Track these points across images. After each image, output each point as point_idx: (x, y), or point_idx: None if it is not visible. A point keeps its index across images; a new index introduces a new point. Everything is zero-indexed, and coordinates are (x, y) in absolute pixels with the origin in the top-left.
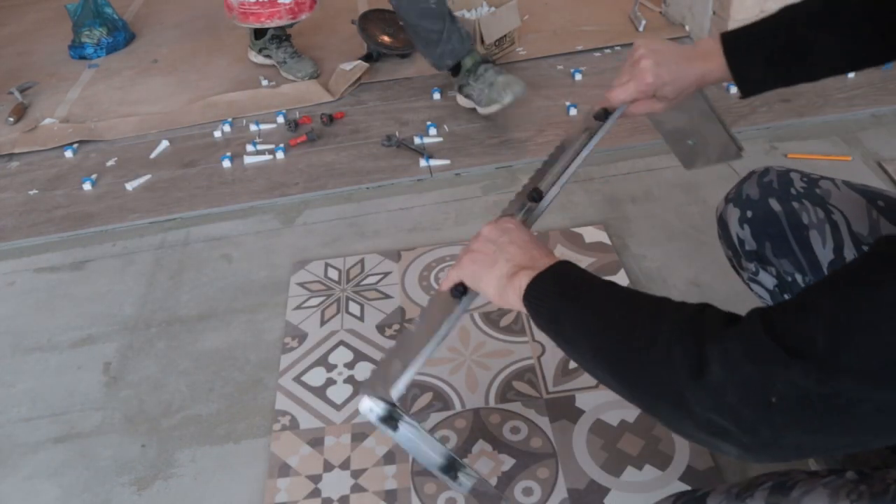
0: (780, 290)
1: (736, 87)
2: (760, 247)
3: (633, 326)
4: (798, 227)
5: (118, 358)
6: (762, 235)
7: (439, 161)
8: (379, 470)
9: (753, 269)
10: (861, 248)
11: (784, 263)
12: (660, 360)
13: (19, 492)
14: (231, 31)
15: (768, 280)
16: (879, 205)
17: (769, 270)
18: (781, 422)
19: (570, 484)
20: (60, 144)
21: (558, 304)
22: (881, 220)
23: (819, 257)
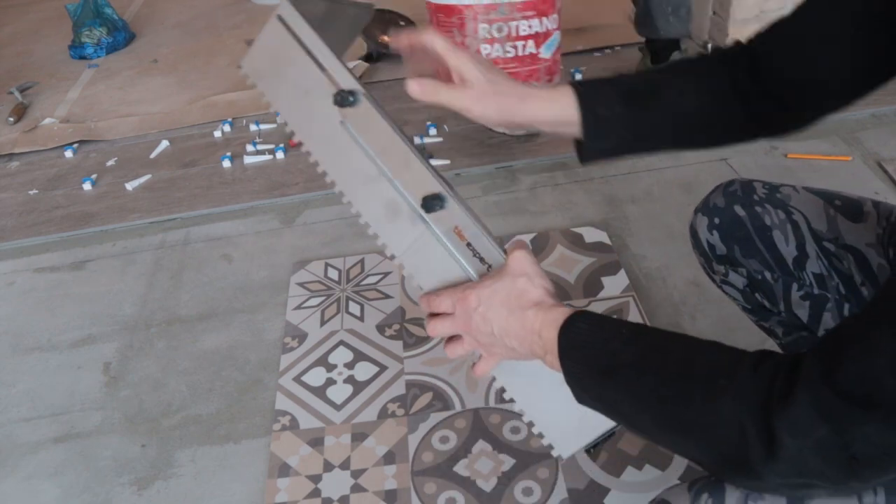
0: (751, 289)
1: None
2: (730, 250)
3: (689, 400)
4: (762, 229)
5: (118, 358)
6: (730, 239)
7: (439, 161)
8: (379, 470)
9: (724, 271)
10: (822, 243)
11: (753, 263)
12: (728, 440)
13: (19, 492)
14: (231, 30)
15: (738, 280)
16: (836, 203)
17: (739, 271)
18: (868, 473)
19: (570, 484)
20: (60, 144)
21: (600, 387)
22: (838, 217)
23: (784, 254)
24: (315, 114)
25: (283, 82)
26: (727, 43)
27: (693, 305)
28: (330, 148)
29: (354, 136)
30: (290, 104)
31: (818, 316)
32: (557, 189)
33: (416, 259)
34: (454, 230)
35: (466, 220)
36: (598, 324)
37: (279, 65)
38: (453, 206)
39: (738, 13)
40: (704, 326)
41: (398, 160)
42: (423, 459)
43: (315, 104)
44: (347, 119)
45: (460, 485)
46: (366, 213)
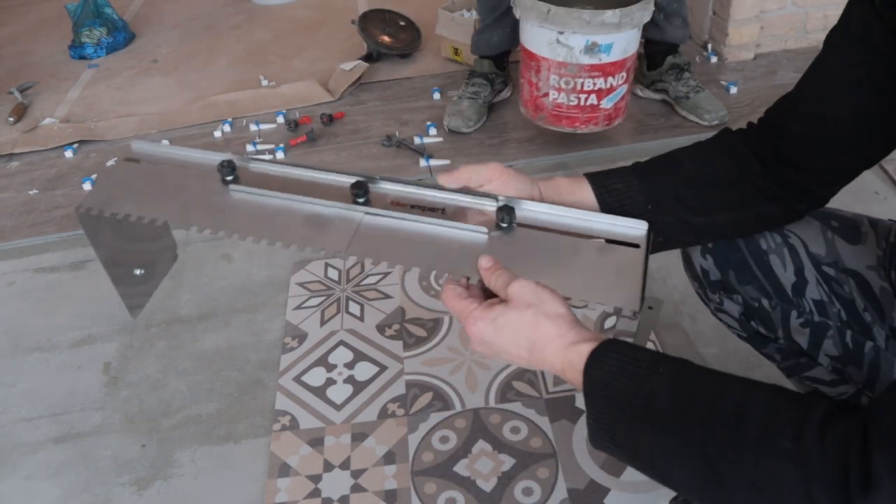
0: (747, 317)
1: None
2: (724, 275)
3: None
4: (758, 253)
5: (118, 358)
6: (725, 264)
7: (439, 161)
8: (379, 470)
9: (718, 299)
10: (821, 268)
11: (749, 290)
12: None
13: (19, 492)
14: (231, 30)
15: (733, 308)
16: (833, 225)
17: (734, 299)
18: None
19: (570, 484)
20: (60, 144)
21: (631, 435)
22: (836, 240)
23: (782, 280)
24: (200, 199)
25: (143, 195)
26: (727, 43)
27: (693, 305)
28: (222, 214)
29: (254, 193)
30: (169, 206)
31: (818, 343)
32: None
33: (364, 244)
34: (391, 204)
35: (400, 188)
36: (631, 357)
37: (136, 188)
38: (382, 185)
39: (738, 13)
40: (704, 326)
41: (303, 184)
42: (423, 459)
43: (195, 191)
44: (237, 184)
45: (460, 485)
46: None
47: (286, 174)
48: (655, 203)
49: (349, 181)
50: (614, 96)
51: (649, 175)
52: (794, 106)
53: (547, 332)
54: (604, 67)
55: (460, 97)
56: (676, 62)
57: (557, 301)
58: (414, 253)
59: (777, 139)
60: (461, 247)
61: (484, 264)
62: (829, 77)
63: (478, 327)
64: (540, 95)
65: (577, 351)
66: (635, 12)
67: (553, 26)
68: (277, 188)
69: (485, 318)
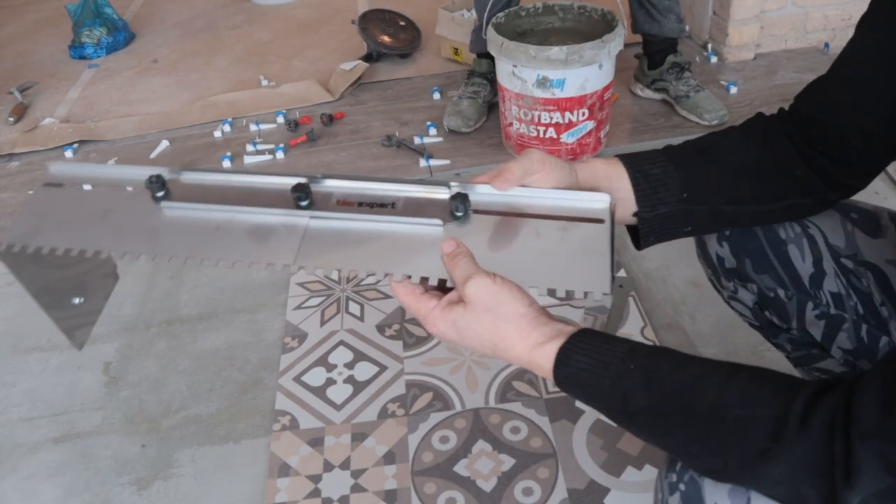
0: (761, 307)
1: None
2: (740, 263)
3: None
4: (776, 242)
5: (118, 358)
6: (741, 252)
7: (439, 161)
8: (379, 470)
9: (732, 287)
10: (840, 260)
11: (765, 279)
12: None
13: (19, 492)
14: (231, 30)
15: (748, 297)
16: (853, 217)
17: (749, 288)
18: None
19: (570, 484)
20: (60, 144)
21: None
22: (856, 232)
23: (799, 271)
24: (131, 222)
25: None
26: (727, 43)
27: (693, 305)
28: (158, 235)
29: (180, 206)
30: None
31: (833, 336)
32: None
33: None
34: (337, 204)
35: (344, 184)
36: (598, 357)
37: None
38: (325, 184)
39: (738, 13)
40: (704, 326)
41: (242, 192)
42: (423, 459)
43: (124, 213)
44: (170, 199)
45: (460, 485)
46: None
47: (223, 183)
48: (690, 191)
49: (290, 184)
50: (576, 132)
51: (685, 161)
52: (825, 93)
53: (508, 336)
54: (558, 102)
55: (460, 97)
56: (677, 61)
57: (517, 298)
58: (367, 256)
59: (811, 127)
60: (417, 243)
61: (446, 249)
62: (861, 63)
63: (438, 328)
64: (506, 124)
65: (541, 353)
66: (585, 51)
67: (507, 59)
68: (215, 200)
69: (444, 319)
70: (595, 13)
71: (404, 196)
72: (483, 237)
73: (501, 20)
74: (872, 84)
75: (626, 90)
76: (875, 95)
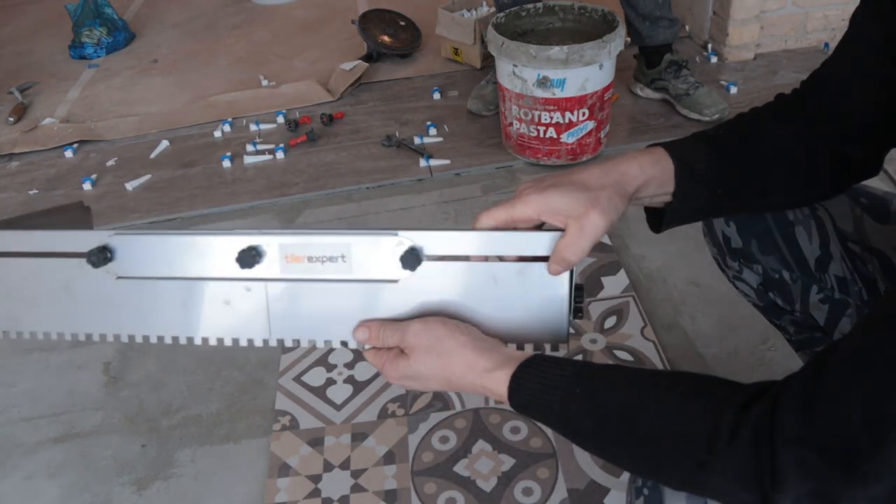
0: (765, 287)
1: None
2: (746, 244)
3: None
4: (784, 224)
5: (118, 358)
6: (748, 232)
7: (439, 161)
8: (379, 470)
9: (737, 267)
10: (847, 244)
11: (770, 260)
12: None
13: (19, 492)
14: (231, 30)
15: (752, 278)
16: (862, 202)
17: (753, 269)
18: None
19: (570, 484)
20: (60, 144)
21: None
22: (865, 217)
23: (805, 253)
24: (90, 297)
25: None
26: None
27: (693, 305)
28: (128, 310)
29: (137, 277)
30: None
31: (836, 320)
32: None
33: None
34: (287, 259)
35: (292, 239)
36: (548, 382)
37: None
38: (271, 242)
39: (739, 13)
40: (704, 326)
41: (192, 257)
42: (423, 459)
43: (77, 288)
44: (115, 275)
45: (460, 485)
46: (206, 330)
47: (166, 244)
48: (726, 188)
49: (236, 244)
50: (576, 132)
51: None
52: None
53: (456, 368)
54: (558, 102)
55: (486, 82)
56: (674, 59)
57: (452, 331)
58: (335, 324)
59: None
60: (377, 301)
61: (360, 337)
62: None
63: (393, 378)
64: (507, 124)
65: (493, 379)
66: (585, 51)
67: (508, 59)
68: (163, 264)
69: (396, 369)
70: (595, 13)
71: (350, 246)
72: (439, 286)
73: (502, 20)
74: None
75: (626, 90)
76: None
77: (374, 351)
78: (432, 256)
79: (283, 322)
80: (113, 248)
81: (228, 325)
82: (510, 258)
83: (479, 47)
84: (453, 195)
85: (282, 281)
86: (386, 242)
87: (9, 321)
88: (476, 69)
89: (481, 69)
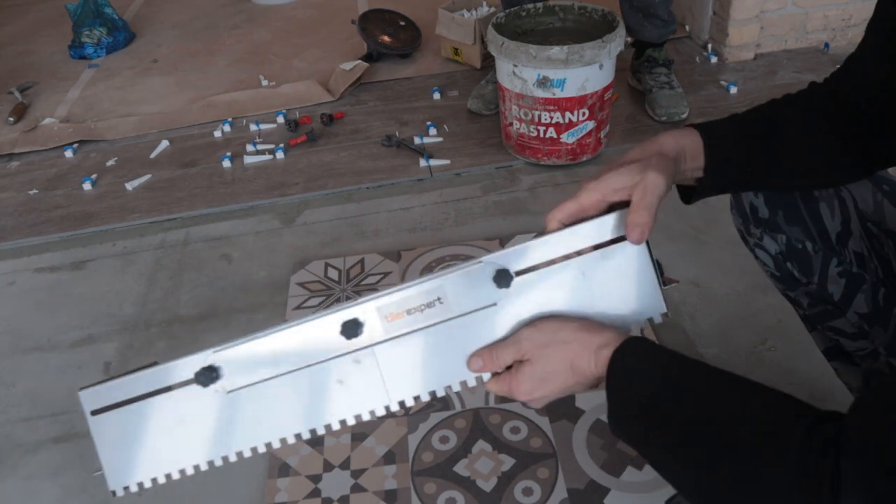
0: (784, 258)
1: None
2: (773, 215)
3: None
4: (809, 199)
5: (118, 358)
6: (775, 204)
7: (439, 161)
8: (379, 470)
9: (759, 234)
10: (866, 224)
11: (795, 231)
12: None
13: (19, 492)
14: (231, 30)
15: (772, 246)
16: (884, 188)
17: (777, 238)
18: None
19: (570, 484)
20: (60, 144)
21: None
22: (885, 203)
23: (828, 227)
24: (204, 422)
25: (156, 443)
26: (727, 43)
27: (693, 305)
28: (250, 421)
29: (248, 385)
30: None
31: (851, 296)
32: (557, 189)
33: (398, 377)
34: (388, 318)
35: (387, 300)
36: (650, 357)
37: (141, 440)
38: (368, 309)
39: (739, 13)
40: (704, 326)
41: (292, 350)
42: (423, 459)
43: (194, 416)
44: (226, 389)
45: (460, 485)
46: (329, 416)
47: (264, 346)
48: (754, 167)
49: (335, 322)
50: (576, 132)
51: (755, 136)
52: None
53: (576, 348)
54: (559, 102)
55: (487, 81)
56: (653, 55)
57: (566, 321)
58: (450, 366)
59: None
60: (483, 329)
61: (476, 366)
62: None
63: (524, 392)
64: (507, 124)
65: (603, 355)
66: (585, 51)
67: (508, 59)
68: (268, 365)
69: (523, 381)
70: (595, 14)
71: (443, 287)
72: (535, 296)
73: (502, 20)
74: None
75: (626, 90)
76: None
77: (495, 378)
78: (519, 271)
79: (399, 382)
80: (217, 365)
81: (347, 404)
82: (587, 249)
83: (479, 47)
84: (453, 195)
85: (389, 341)
86: (475, 272)
87: (127, 472)
88: (476, 69)
89: (481, 69)
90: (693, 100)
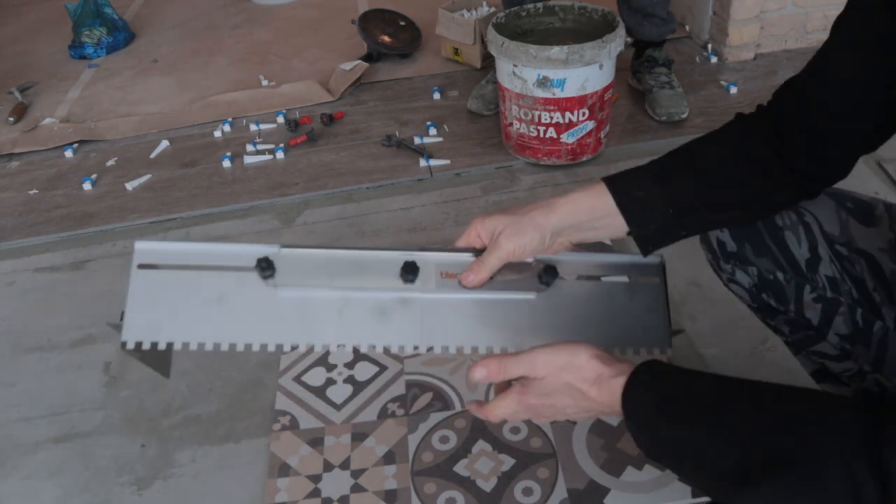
0: (758, 289)
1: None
2: (740, 248)
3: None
4: (773, 229)
5: (118, 358)
6: (741, 237)
7: (439, 161)
8: (379, 470)
9: (730, 269)
10: (834, 247)
11: (764, 262)
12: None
13: (19, 492)
14: (231, 30)
15: (745, 280)
16: (848, 206)
17: (748, 271)
18: None
19: (570, 484)
20: (60, 144)
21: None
22: (850, 221)
23: (796, 256)
24: (247, 307)
25: (186, 312)
26: (727, 43)
27: (693, 305)
28: (284, 319)
29: (296, 287)
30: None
31: (829, 320)
32: (557, 189)
33: (432, 327)
34: (442, 275)
35: (448, 260)
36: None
37: (173, 304)
38: (429, 262)
39: (739, 13)
40: (704, 326)
41: (350, 271)
42: (423, 459)
43: (239, 298)
44: (277, 285)
45: (460, 485)
46: (360, 338)
47: (328, 258)
48: (675, 206)
49: (397, 260)
50: (576, 132)
51: (670, 177)
52: (801, 91)
53: (588, 375)
54: (559, 102)
55: (487, 81)
56: (653, 55)
57: (581, 347)
58: (473, 332)
59: (786, 124)
60: (514, 314)
61: (478, 375)
62: (837, 62)
63: (531, 404)
64: (507, 124)
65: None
66: (585, 51)
67: (508, 59)
68: (325, 277)
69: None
70: (595, 14)
71: None
72: (566, 303)
73: (502, 20)
74: (845, 83)
75: (626, 90)
76: (847, 93)
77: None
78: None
79: (431, 331)
80: (277, 262)
81: (381, 334)
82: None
83: (479, 47)
84: (453, 195)
85: (438, 295)
86: (526, 261)
87: (147, 330)
88: (476, 69)
89: (481, 69)
90: (693, 100)
